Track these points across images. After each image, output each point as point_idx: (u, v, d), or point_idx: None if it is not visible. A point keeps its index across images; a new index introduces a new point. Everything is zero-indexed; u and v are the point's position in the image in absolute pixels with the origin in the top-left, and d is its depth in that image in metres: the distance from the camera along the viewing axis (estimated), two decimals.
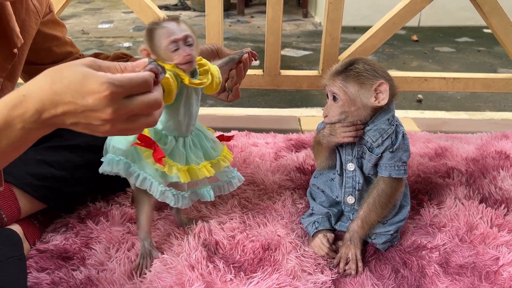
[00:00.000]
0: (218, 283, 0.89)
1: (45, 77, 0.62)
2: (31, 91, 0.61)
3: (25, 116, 0.61)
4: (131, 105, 0.63)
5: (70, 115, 0.62)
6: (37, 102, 0.61)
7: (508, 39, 1.67)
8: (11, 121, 0.61)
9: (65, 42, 1.11)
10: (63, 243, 0.99)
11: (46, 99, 0.60)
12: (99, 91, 0.60)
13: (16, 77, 0.93)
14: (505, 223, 1.08)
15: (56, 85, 0.61)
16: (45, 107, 0.61)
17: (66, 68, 0.62)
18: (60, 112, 0.61)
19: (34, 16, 0.93)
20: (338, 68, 0.95)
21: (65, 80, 0.61)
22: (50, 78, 0.62)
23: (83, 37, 4.17)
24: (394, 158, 0.96)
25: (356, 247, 0.97)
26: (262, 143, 1.54)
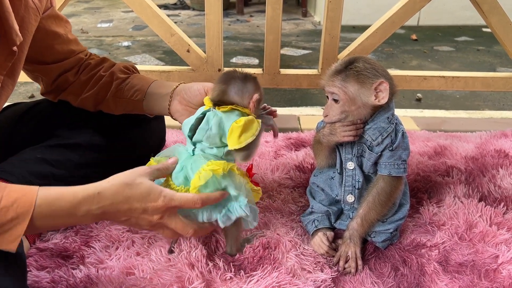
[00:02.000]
0: (218, 281, 0.89)
1: (119, 186, 0.79)
2: (106, 190, 0.77)
3: (92, 208, 0.76)
4: (173, 220, 0.84)
5: (127, 214, 0.80)
6: (108, 201, 0.77)
7: (508, 38, 1.67)
8: (78, 210, 0.75)
9: (68, 40, 1.10)
10: (63, 241, 0.99)
11: (118, 201, 0.78)
12: (158, 202, 0.80)
13: (17, 74, 0.93)
14: (504, 221, 1.09)
15: (128, 190, 0.79)
16: (112, 206, 0.78)
17: (138, 177, 0.81)
18: (123, 209, 0.79)
19: (33, 12, 0.93)
20: (337, 67, 0.95)
21: (135, 192, 0.79)
22: (126, 184, 0.79)
23: (82, 36, 4.17)
24: (394, 157, 0.96)
25: (355, 245, 0.97)
26: (262, 142, 1.53)
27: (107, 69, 1.12)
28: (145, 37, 4.17)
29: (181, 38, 1.65)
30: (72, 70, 1.11)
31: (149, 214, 0.81)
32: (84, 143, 1.07)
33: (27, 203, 0.71)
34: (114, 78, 1.10)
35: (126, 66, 1.15)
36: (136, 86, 1.09)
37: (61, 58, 1.09)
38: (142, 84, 1.10)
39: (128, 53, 3.66)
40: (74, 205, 0.75)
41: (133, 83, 1.10)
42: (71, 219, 0.77)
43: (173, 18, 4.91)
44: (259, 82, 0.95)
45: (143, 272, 0.91)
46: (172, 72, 1.70)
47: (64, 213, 0.74)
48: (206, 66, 1.68)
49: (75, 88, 1.11)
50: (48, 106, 1.16)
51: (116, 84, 1.10)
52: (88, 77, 1.11)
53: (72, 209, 0.75)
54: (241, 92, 0.93)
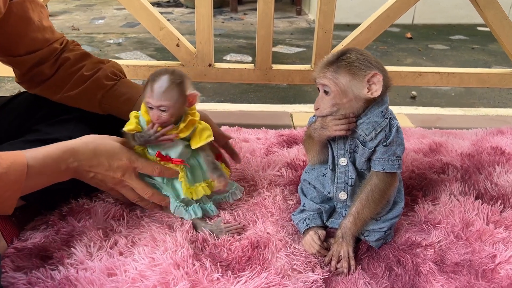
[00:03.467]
0: (205, 282, 0.85)
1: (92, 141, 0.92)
2: (80, 147, 0.90)
3: (69, 161, 0.88)
4: (134, 180, 0.96)
5: (95, 170, 0.92)
6: (82, 155, 0.89)
7: (504, 33, 1.64)
8: (60, 163, 0.87)
9: (42, 27, 1.04)
10: (42, 241, 0.95)
11: (87, 155, 0.90)
12: (122, 160, 0.94)
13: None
14: (501, 219, 1.05)
15: (97, 148, 0.92)
16: (84, 160, 0.90)
17: (108, 139, 0.95)
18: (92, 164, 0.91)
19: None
20: (329, 59, 0.91)
21: (103, 147, 0.92)
22: (95, 143, 0.92)
23: (73, 33, 4.12)
24: (388, 152, 0.93)
25: (348, 244, 0.94)
26: (253, 139, 1.50)
27: (90, 69, 1.08)
28: (137, 34, 4.12)
29: (170, 32, 1.60)
30: (48, 62, 1.07)
31: (113, 171, 0.92)
32: (64, 139, 1.02)
33: (21, 166, 0.80)
34: (101, 85, 1.08)
35: (113, 72, 1.11)
36: (124, 95, 1.09)
37: (35, 48, 1.04)
38: (131, 93, 1.09)
39: (119, 50, 3.61)
40: (57, 160, 0.86)
41: (121, 91, 1.09)
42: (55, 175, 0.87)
43: (166, 16, 4.86)
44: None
45: (126, 272, 0.87)
46: (162, 67, 1.66)
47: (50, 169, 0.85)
48: (196, 61, 1.64)
49: (53, 84, 1.07)
50: (28, 99, 1.11)
51: (103, 93, 1.08)
52: (68, 74, 1.07)
53: (56, 164, 0.86)
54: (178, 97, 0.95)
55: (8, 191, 0.79)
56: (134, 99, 1.08)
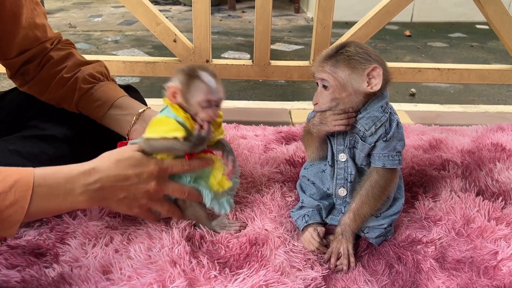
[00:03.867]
0: (202, 280, 0.83)
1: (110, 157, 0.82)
2: (100, 165, 0.80)
3: (89, 183, 0.77)
4: (169, 185, 0.89)
5: (125, 188, 0.82)
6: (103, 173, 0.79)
7: (504, 28, 1.62)
8: (76, 186, 0.76)
9: (34, 24, 1.01)
10: (36, 238, 0.93)
11: (110, 171, 0.80)
12: (150, 166, 0.85)
13: None
14: (503, 216, 1.04)
15: (120, 161, 0.82)
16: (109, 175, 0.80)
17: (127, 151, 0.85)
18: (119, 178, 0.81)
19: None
20: (328, 53, 0.90)
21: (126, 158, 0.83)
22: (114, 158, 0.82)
23: (70, 31, 4.09)
24: (388, 148, 0.91)
25: (348, 241, 0.92)
26: (251, 136, 1.48)
27: (70, 71, 1.05)
28: (135, 31, 4.10)
29: (167, 28, 1.59)
30: (34, 62, 1.04)
31: (145, 181, 0.84)
32: (59, 135, 1.01)
33: (26, 186, 0.71)
34: (77, 87, 1.04)
35: (91, 74, 1.06)
36: (98, 101, 1.03)
37: (25, 47, 1.01)
38: (104, 100, 1.04)
39: (117, 47, 3.59)
40: (71, 180, 0.76)
41: (96, 96, 1.04)
42: (69, 198, 0.76)
43: (164, 13, 4.84)
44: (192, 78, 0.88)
45: (121, 270, 0.85)
46: (158, 63, 1.64)
47: (62, 191, 0.75)
48: (194, 57, 1.63)
49: (36, 84, 1.05)
50: (21, 95, 1.09)
51: (78, 96, 1.04)
52: (49, 75, 1.04)
53: (70, 185, 0.75)
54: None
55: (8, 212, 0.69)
56: (106, 105, 1.03)
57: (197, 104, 0.87)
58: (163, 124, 0.89)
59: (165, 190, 0.89)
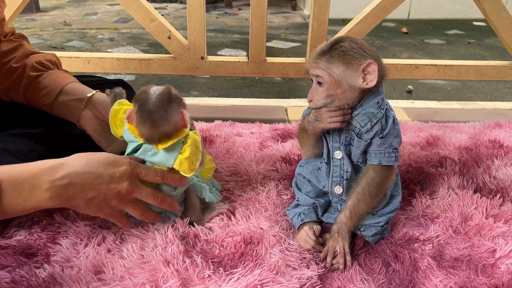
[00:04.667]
0: (195, 279, 0.82)
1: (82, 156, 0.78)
2: (70, 160, 0.76)
3: (56, 178, 0.73)
4: (142, 188, 0.84)
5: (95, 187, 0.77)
6: (72, 169, 0.75)
7: (501, 25, 1.61)
8: (42, 181, 0.72)
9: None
10: (27, 238, 0.91)
11: (80, 168, 0.76)
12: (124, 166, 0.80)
13: None
14: (501, 213, 1.03)
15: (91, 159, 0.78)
16: (78, 172, 0.75)
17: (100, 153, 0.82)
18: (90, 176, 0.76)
19: None
20: (322, 48, 0.88)
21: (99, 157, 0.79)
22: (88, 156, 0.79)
23: (65, 29, 4.06)
24: (384, 144, 0.90)
25: (344, 239, 0.91)
26: (247, 133, 1.47)
27: (19, 61, 1.01)
28: (130, 29, 4.08)
29: (161, 24, 1.57)
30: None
31: (117, 181, 0.79)
32: (49, 133, 0.99)
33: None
34: (25, 75, 1.00)
35: (40, 62, 1.03)
36: (46, 89, 0.99)
37: None
38: (52, 87, 1.00)
39: (112, 45, 3.57)
40: (37, 175, 0.72)
41: (44, 84, 1.00)
42: (34, 195, 0.72)
43: (160, 11, 4.82)
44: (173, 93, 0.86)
45: (113, 270, 0.84)
46: (153, 60, 1.62)
47: (27, 186, 0.71)
48: (188, 54, 1.61)
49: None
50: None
51: (26, 84, 1.00)
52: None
53: (35, 181, 0.72)
54: (169, 118, 0.85)
55: None
56: (55, 92, 1.00)
57: None
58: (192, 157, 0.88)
59: (137, 193, 0.84)
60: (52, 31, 4.01)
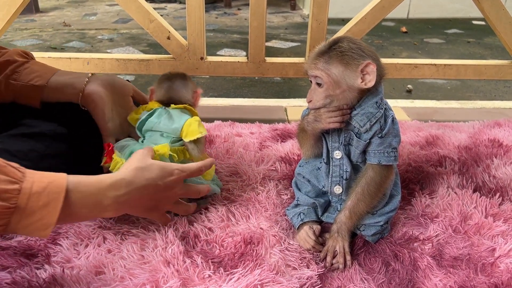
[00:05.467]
0: (196, 279, 0.82)
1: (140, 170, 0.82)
2: (129, 176, 0.80)
3: (119, 194, 0.78)
4: (188, 189, 0.92)
5: (152, 198, 0.84)
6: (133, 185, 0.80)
7: (500, 24, 1.61)
8: (106, 196, 0.76)
9: None
10: (28, 239, 0.91)
11: (140, 184, 0.81)
12: (174, 175, 0.87)
13: None
14: (500, 212, 1.03)
15: (146, 171, 0.83)
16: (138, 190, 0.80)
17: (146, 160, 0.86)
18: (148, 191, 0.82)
19: None
20: (321, 49, 0.88)
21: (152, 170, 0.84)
22: (140, 166, 0.83)
23: (65, 29, 4.07)
24: (384, 144, 0.90)
25: (344, 239, 0.91)
26: (247, 133, 1.47)
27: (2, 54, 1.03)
28: (129, 30, 4.08)
29: (160, 25, 1.57)
30: None
31: (170, 189, 0.86)
32: (49, 132, 0.99)
33: (59, 188, 0.70)
34: (11, 60, 1.01)
35: (25, 52, 1.06)
36: (36, 72, 1.02)
37: None
38: (44, 71, 1.03)
39: (111, 45, 3.57)
40: (102, 192, 0.76)
41: (33, 69, 1.02)
42: (97, 208, 0.77)
43: (159, 11, 4.82)
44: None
45: (114, 270, 0.84)
46: (152, 61, 1.62)
47: (92, 200, 0.75)
48: (188, 54, 1.61)
49: None
50: None
51: (14, 67, 1.01)
52: None
53: (100, 196, 0.76)
54: (186, 87, 1.07)
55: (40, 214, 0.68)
56: (48, 74, 1.02)
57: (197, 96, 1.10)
58: (200, 124, 1.00)
59: (185, 195, 0.93)
60: (51, 31, 4.01)
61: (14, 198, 0.66)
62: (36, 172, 0.71)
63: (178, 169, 0.88)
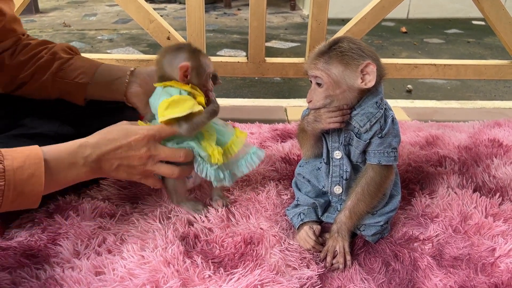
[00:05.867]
0: (196, 280, 0.82)
1: (99, 132, 0.88)
2: (92, 138, 0.86)
3: (86, 154, 0.84)
4: (160, 148, 0.91)
5: (117, 157, 0.87)
6: (95, 145, 0.85)
7: (500, 24, 1.61)
8: (77, 159, 0.83)
9: (14, 18, 1.04)
10: (28, 239, 0.91)
11: (102, 142, 0.86)
12: (138, 134, 0.88)
13: None
14: (500, 212, 1.03)
15: (109, 134, 0.88)
16: (101, 148, 0.85)
17: (116, 125, 0.90)
18: (110, 149, 0.86)
19: None
20: (321, 49, 0.88)
21: (115, 131, 0.88)
22: (104, 131, 0.88)
23: (65, 30, 4.07)
24: (384, 144, 0.90)
25: (344, 239, 0.91)
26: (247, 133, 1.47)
27: (49, 50, 1.05)
28: (129, 30, 4.08)
29: (160, 25, 1.57)
30: (8, 51, 1.04)
31: (135, 148, 0.87)
32: (51, 133, 0.99)
33: (37, 159, 0.77)
34: (57, 57, 1.04)
35: (69, 47, 1.08)
36: (81, 68, 1.04)
37: (2, 38, 1.02)
38: (87, 66, 1.05)
39: (111, 46, 3.57)
40: (72, 153, 0.83)
41: (77, 65, 1.05)
42: (74, 170, 0.83)
43: (159, 12, 4.83)
44: (196, 53, 0.95)
45: (114, 271, 0.84)
46: (152, 61, 1.62)
47: (66, 163, 0.82)
48: None
49: (11, 69, 1.04)
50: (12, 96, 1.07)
51: (59, 64, 1.04)
52: (27, 58, 1.04)
53: (72, 158, 0.82)
54: (171, 63, 0.94)
55: (28, 185, 0.76)
56: (91, 71, 1.05)
57: (207, 75, 0.96)
58: (182, 101, 0.91)
59: (157, 155, 0.91)
60: (51, 32, 4.01)
61: (1, 176, 0.72)
62: (10, 150, 0.77)
63: (143, 128, 0.90)
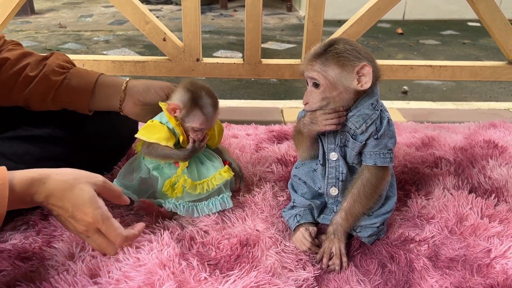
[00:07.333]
0: (192, 282, 0.82)
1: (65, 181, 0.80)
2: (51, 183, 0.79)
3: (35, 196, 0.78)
4: (97, 240, 0.83)
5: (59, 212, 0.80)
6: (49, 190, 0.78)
7: (495, 25, 1.62)
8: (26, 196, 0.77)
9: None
10: (22, 242, 0.91)
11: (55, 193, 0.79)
12: (87, 215, 0.80)
13: None
14: (496, 213, 1.03)
15: (67, 192, 0.79)
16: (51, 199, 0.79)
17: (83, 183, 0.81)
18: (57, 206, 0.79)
19: None
20: (317, 50, 0.88)
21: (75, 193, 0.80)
22: (69, 185, 0.80)
23: (60, 31, 4.05)
24: (379, 146, 0.90)
25: (340, 241, 0.91)
26: (243, 135, 1.47)
27: (35, 68, 1.00)
28: (125, 31, 4.07)
29: (156, 26, 1.57)
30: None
31: (76, 221, 0.81)
32: (45, 135, 0.99)
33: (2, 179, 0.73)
34: (50, 84, 1.00)
35: (59, 65, 1.03)
36: (78, 88, 1.02)
37: None
38: (83, 85, 1.02)
39: (107, 47, 3.56)
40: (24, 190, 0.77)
41: (72, 85, 1.02)
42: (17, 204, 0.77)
43: (155, 13, 4.82)
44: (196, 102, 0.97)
45: (109, 273, 0.83)
46: (148, 63, 1.62)
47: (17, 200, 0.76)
48: (184, 55, 1.61)
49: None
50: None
51: (55, 89, 1.01)
52: (10, 76, 0.99)
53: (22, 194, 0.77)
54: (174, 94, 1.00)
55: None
56: (88, 90, 1.02)
57: (190, 128, 0.98)
58: (157, 131, 0.97)
59: (93, 240, 0.84)
60: (47, 33, 4.00)
61: None
62: None
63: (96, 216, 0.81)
